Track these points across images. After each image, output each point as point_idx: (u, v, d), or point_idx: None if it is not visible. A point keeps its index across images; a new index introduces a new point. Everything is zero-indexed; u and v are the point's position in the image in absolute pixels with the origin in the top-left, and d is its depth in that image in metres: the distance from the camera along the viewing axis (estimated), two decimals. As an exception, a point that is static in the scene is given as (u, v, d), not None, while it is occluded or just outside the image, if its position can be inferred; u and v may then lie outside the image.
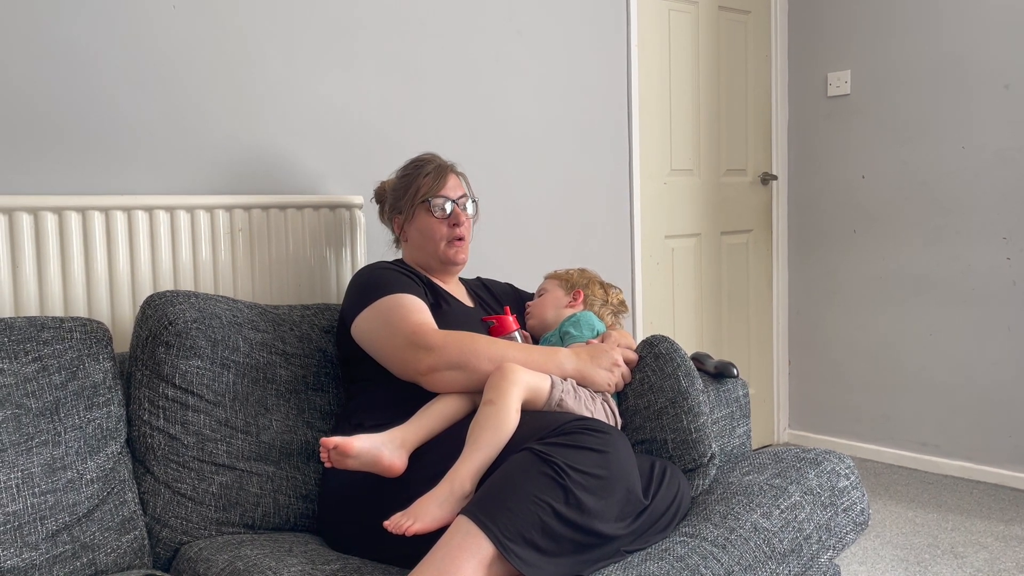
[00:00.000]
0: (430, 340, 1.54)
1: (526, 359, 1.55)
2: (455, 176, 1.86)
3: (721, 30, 3.36)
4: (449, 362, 1.52)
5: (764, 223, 3.61)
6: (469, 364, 1.52)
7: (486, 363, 1.51)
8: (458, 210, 1.81)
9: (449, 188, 1.82)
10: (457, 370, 1.52)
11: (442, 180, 1.81)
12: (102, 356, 1.55)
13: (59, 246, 1.71)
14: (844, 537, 1.64)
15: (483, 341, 1.56)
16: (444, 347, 1.53)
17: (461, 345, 1.53)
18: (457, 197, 1.82)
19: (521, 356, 1.55)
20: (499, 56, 2.55)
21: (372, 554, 1.43)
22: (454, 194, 1.82)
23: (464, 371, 1.52)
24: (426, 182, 1.81)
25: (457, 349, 1.53)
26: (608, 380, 1.62)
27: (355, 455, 1.37)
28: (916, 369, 3.30)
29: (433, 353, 1.53)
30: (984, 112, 3.06)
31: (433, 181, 1.81)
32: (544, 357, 1.58)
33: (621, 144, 2.93)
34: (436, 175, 1.82)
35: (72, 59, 1.78)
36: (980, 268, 3.10)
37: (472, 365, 1.51)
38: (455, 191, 1.82)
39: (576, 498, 1.22)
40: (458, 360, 1.52)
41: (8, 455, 1.39)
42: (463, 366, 1.52)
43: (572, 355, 1.61)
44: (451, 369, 1.52)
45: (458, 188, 1.84)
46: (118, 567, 1.46)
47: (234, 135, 2.01)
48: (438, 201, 1.80)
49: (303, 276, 2.05)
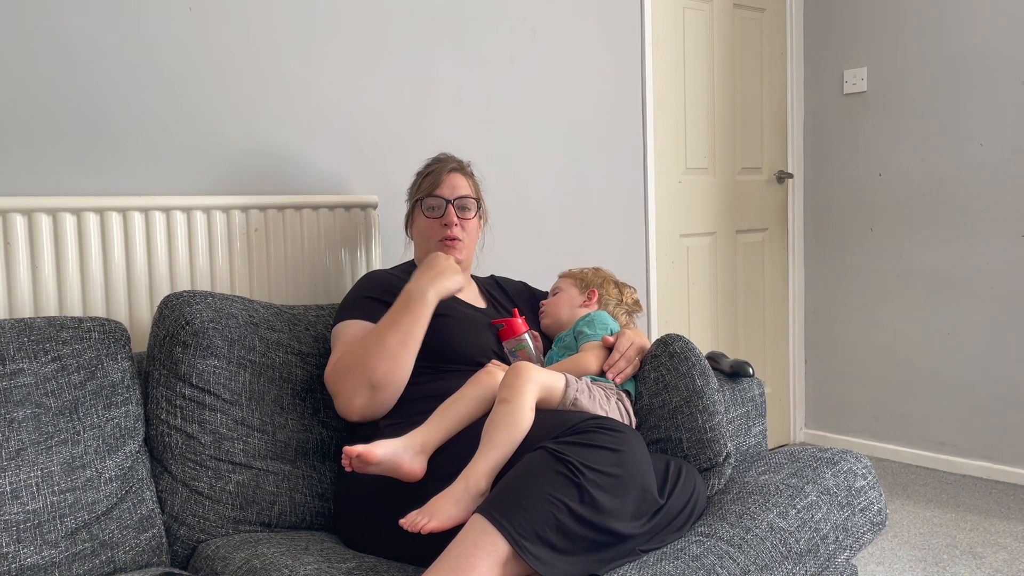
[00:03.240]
0: (332, 384, 1.60)
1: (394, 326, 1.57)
2: (460, 175, 1.85)
3: (736, 28, 3.34)
4: (358, 391, 1.56)
5: (780, 221, 3.59)
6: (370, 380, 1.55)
7: (380, 363, 1.55)
8: (451, 209, 1.80)
9: (446, 188, 1.81)
10: (370, 391, 1.55)
11: (439, 180, 1.81)
12: (120, 356, 1.56)
13: (78, 247, 1.73)
14: (861, 537, 1.63)
15: (359, 350, 1.58)
16: (341, 382, 1.57)
17: (349, 370, 1.57)
18: (455, 197, 1.81)
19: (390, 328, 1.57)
20: (514, 55, 2.55)
21: (388, 552, 1.44)
22: (451, 194, 1.81)
23: (375, 388, 1.55)
24: (424, 182, 1.84)
25: (349, 377, 1.56)
26: (455, 279, 1.66)
27: (377, 462, 1.38)
28: (933, 368, 3.27)
29: (341, 397, 1.58)
30: (1002, 109, 3.03)
31: (430, 181, 1.82)
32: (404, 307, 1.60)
33: (636, 143, 2.92)
34: (434, 175, 1.82)
35: (90, 62, 1.80)
36: (998, 265, 3.08)
37: (372, 379, 1.55)
38: (453, 191, 1.81)
39: (591, 497, 1.21)
40: (359, 384, 1.56)
41: (28, 454, 1.40)
42: (369, 386, 1.55)
43: (416, 282, 1.65)
44: (365, 396, 1.56)
45: (459, 187, 1.82)
46: (136, 565, 1.48)
47: (250, 136, 2.02)
48: (430, 201, 1.81)
49: (318, 276, 2.06)
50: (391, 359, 1.56)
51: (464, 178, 1.85)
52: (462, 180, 1.84)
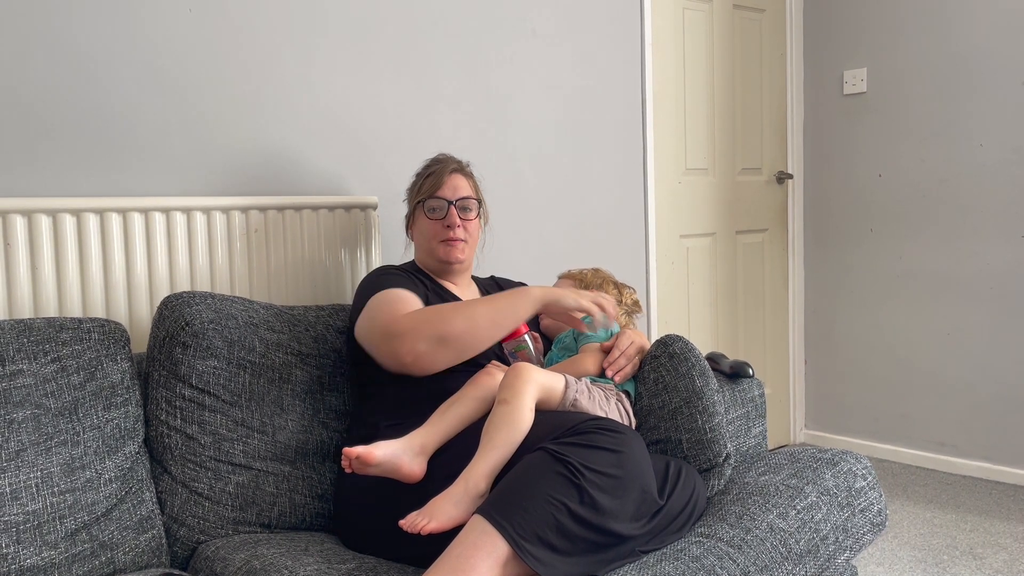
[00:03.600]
0: (400, 327, 1.56)
1: (491, 306, 1.59)
2: (461, 177, 1.84)
3: (736, 28, 3.34)
4: (426, 339, 1.54)
5: (780, 222, 3.59)
6: (444, 332, 1.54)
7: (460, 323, 1.55)
8: (453, 211, 1.79)
9: (447, 189, 1.81)
10: (438, 344, 1.54)
11: (440, 181, 1.81)
12: (120, 356, 1.56)
13: (77, 247, 1.73)
14: (861, 538, 1.63)
15: (447, 307, 1.59)
16: (414, 328, 1.55)
17: (428, 319, 1.56)
18: (456, 199, 1.81)
19: (486, 307, 1.59)
20: (514, 56, 2.55)
21: (387, 553, 1.44)
22: (452, 195, 1.81)
23: (444, 342, 1.54)
24: (426, 184, 1.83)
25: (426, 325, 1.55)
26: (576, 299, 1.64)
27: (376, 463, 1.38)
28: (933, 368, 3.27)
29: (407, 338, 1.54)
30: (1002, 109, 3.03)
31: (431, 183, 1.82)
32: (509, 297, 1.63)
33: (635, 143, 2.92)
34: (435, 177, 1.82)
35: (89, 63, 1.80)
36: (998, 266, 3.08)
37: (447, 331, 1.54)
38: (455, 192, 1.81)
39: (591, 497, 1.21)
40: (432, 333, 1.54)
41: (28, 455, 1.40)
42: (440, 336, 1.54)
43: (540, 287, 1.66)
44: (431, 345, 1.54)
45: (461, 189, 1.82)
46: (136, 566, 1.48)
47: (250, 136, 2.02)
48: (431, 203, 1.80)
49: (318, 277, 2.06)
50: (471, 323, 1.57)
51: (465, 179, 1.85)
52: (463, 181, 1.84)
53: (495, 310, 1.60)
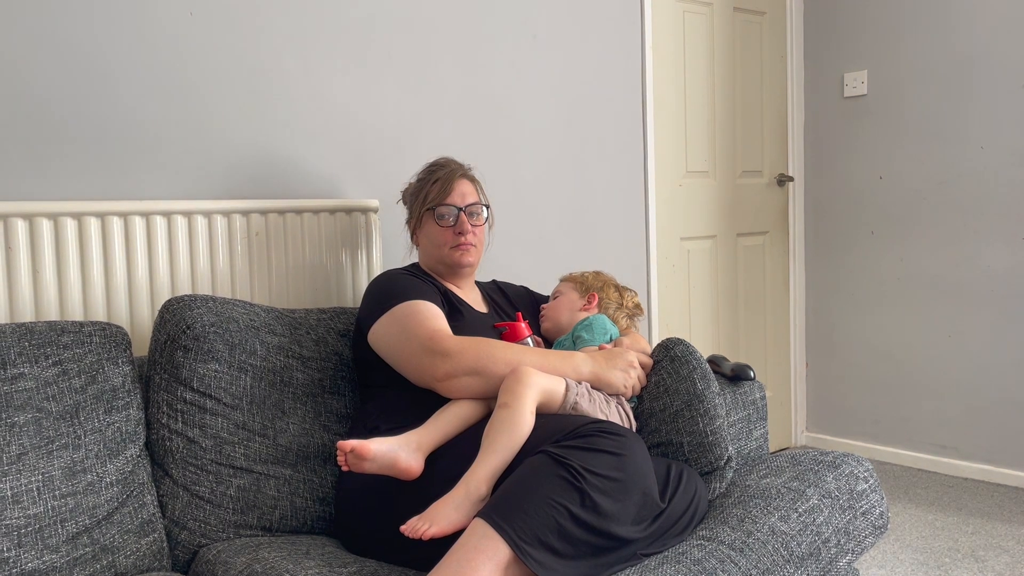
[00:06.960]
0: (446, 346, 1.54)
1: (542, 363, 1.55)
2: (467, 182, 1.84)
3: (736, 31, 3.35)
4: (466, 368, 1.52)
5: (780, 225, 3.59)
6: (486, 369, 1.52)
7: (503, 367, 1.51)
8: (464, 217, 1.79)
9: (456, 196, 1.80)
10: (474, 376, 1.52)
11: (448, 188, 1.80)
12: (121, 360, 1.56)
13: (78, 251, 1.73)
14: (863, 541, 1.63)
15: (499, 346, 1.56)
16: (461, 353, 1.53)
17: (478, 351, 1.54)
18: (465, 205, 1.80)
19: (538, 360, 1.55)
20: (514, 59, 2.55)
21: (389, 556, 1.44)
22: (461, 202, 1.80)
23: (481, 376, 1.52)
24: (433, 190, 1.81)
25: (474, 355, 1.53)
26: (624, 381, 1.62)
27: (372, 458, 1.38)
28: (935, 371, 3.27)
29: (450, 359, 1.53)
30: (1002, 112, 3.03)
31: (439, 189, 1.80)
32: (561, 360, 1.58)
33: (636, 146, 2.92)
34: (443, 183, 1.80)
35: (89, 66, 1.80)
36: (999, 268, 3.07)
37: (489, 370, 1.52)
38: (463, 198, 1.81)
39: (592, 500, 1.21)
40: (475, 366, 1.52)
41: (29, 458, 1.40)
42: (480, 371, 1.52)
43: (588, 358, 1.61)
44: (468, 375, 1.52)
45: (468, 195, 1.82)
46: (137, 570, 1.48)
47: (250, 140, 2.03)
48: (442, 210, 1.79)
49: (319, 280, 2.06)
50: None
51: (471, 184, 1.85)
52: (469, 186, 1.84)
53: (542, 357, 1.58)
